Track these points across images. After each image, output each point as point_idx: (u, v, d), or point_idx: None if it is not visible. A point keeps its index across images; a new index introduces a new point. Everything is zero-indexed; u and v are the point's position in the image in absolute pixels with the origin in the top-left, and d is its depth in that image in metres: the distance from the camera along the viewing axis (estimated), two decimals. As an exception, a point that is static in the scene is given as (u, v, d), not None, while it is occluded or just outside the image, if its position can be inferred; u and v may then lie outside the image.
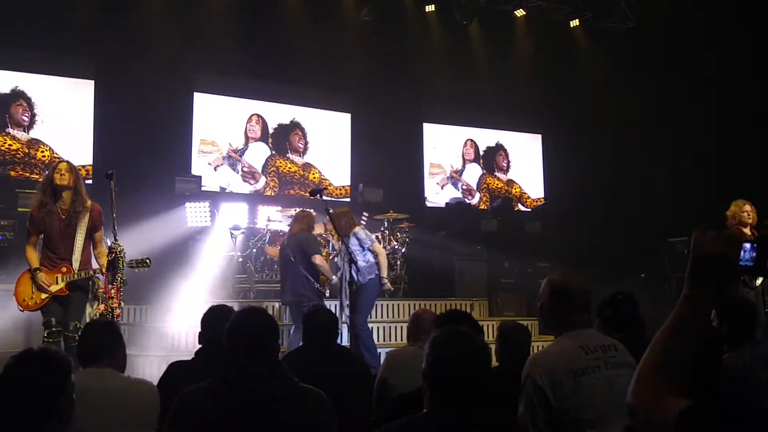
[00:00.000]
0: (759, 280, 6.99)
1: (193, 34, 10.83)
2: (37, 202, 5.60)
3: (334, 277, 7.59)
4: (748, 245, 1.57)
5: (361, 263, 7.20)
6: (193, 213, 9.51)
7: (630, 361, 2.92)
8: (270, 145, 11.96)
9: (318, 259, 7.33)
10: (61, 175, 5.53)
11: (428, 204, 13.03)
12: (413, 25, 12.93)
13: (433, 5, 12.97)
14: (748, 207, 7.24)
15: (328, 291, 7.86)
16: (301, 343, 6.83)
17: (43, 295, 5.50)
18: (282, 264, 7.70)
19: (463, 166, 13.66)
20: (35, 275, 5.47)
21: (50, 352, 2.43)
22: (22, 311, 5.65)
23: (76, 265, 5.58)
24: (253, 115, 11.89)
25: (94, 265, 5.71)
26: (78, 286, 5.60)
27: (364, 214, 10.54)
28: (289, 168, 12.07)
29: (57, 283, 5.53)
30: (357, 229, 7.46)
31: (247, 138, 11.76)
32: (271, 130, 12.00)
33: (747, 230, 7.19)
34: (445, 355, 2.32)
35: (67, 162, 5.78)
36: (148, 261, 5.79)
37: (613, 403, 2.80)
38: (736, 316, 3.84)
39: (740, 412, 1.37)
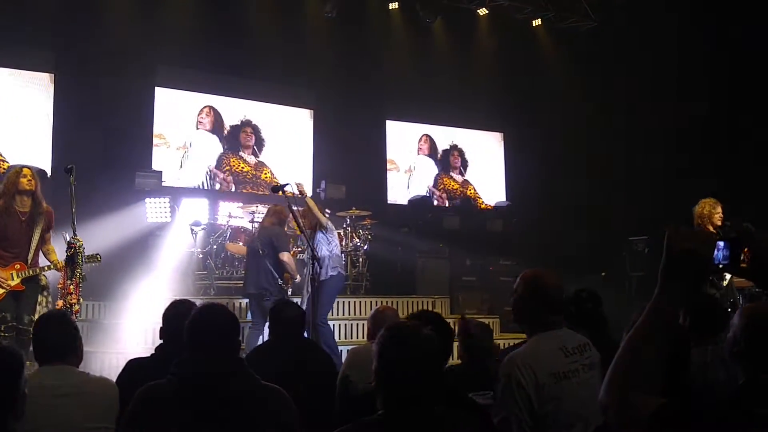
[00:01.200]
0: (725, 281, 7.13)
1: (155, 28, 10.69)
2: (4, 208, 5.81)
3: (298, 276, 7.60)
4: (721, 243, 1.57)
5: (323, 252, 7.22)
6: (154, 208, 9.37)
7: (599, 359, 2.94)
8: (223, 141, 11.81)
9: (286, 256, 7.34)
10: (28, 180, 5.85)
11: (390, 201, 13.05)
12: (376, 23, 12.93)
13: (396, 3, 12.98)
14: (720, 209, 7.35)
15: (290, 289, 7.85)
16: (259, 341, 6.87)
17: (0, 291, 5.73)
18: (249, 256, 7.66)
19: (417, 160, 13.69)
20: None
21: (1, 348, 2.38)
22: None
23: (30, 262, 5.90)
24: (205, 107, 11.72)
25: (43, 262, 6.00)
26: (30, 280, 5.89)
27: (327, 210, 10.50)
28: (242, 167, 11.94)
29: (13, 279, 5.80)
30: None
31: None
32: (227, 126, 11.88)
33: (712, 229, 7.32)
34: (393, 357, 2.27)
35: (30, 168, 6.11)
36: (98, 256, 6.01)
37: (591, 405, 2.80)
38: (703, 314, 3.86)
39: (711, 409, 1.38)
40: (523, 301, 3.00)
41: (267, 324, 7.06)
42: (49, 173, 9.34)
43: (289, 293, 7.77)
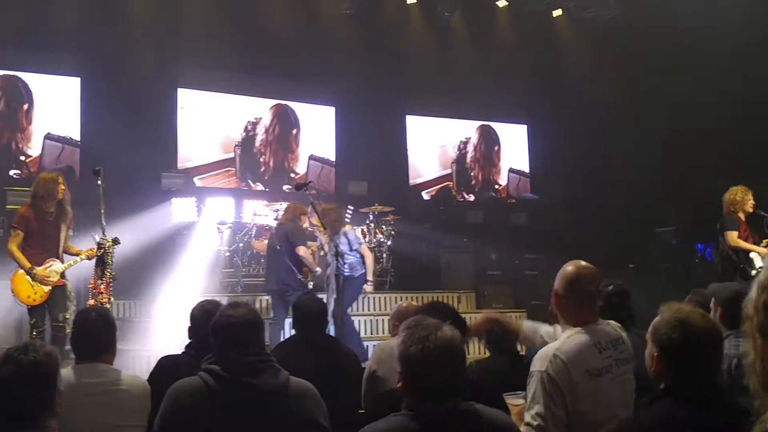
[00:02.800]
0: (754, 271, 7.05)
1: (178, 31, 10.80)
2: (38, 209, 6.19)
3: (317, 268, 7.67)
4: None
5: (351, 258, 7.34)
6: (180, 208, 9.50)
7: (632, 354, 2.92)
8: (244, 140, 11.93)
9: (301, 251, 7.42)
10: (62, 189, 6.27)
11: (412, 196, 13.04)
12: (395, 18, 12.91)
13: (414, -3, 12.97)
14: (751, 196, 7.32)
15: (311, 283, 7.91)
16: (280, 336, 6.94)
17: (46, 288, 6.13)
18: (269, 253, 7.76)
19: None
20: (33, 274, 6.08)
21: (36, 347, 2.43)
22: (28, 306, 6.15)
23: (61, 257, 6.31)
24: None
25: (68, 258, 6.37)
26: (62, 276, 6.29)
27: (349, 207, 10.54)
28: (258, 166, 12.04)
29: (53, 276, 6.17)
30: (347, 228, 7.54)
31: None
32: (247, 126, 11.98)
33: (743, 216, 7.28)
34: (415, 354, 2.26)
35: (61, 175, 6.51)
36: (118, 239, 6.25)
37: (621, 401, 2.80)
38: (730, 304, 3.83)
39: None
40: (562, 295, 2.97)
41: (287, 319, 7.20)
42: (77, 175, 9.51)
43: (310, 286, 7.83)
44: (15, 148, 9.98)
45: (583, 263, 3.03)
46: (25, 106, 10.05)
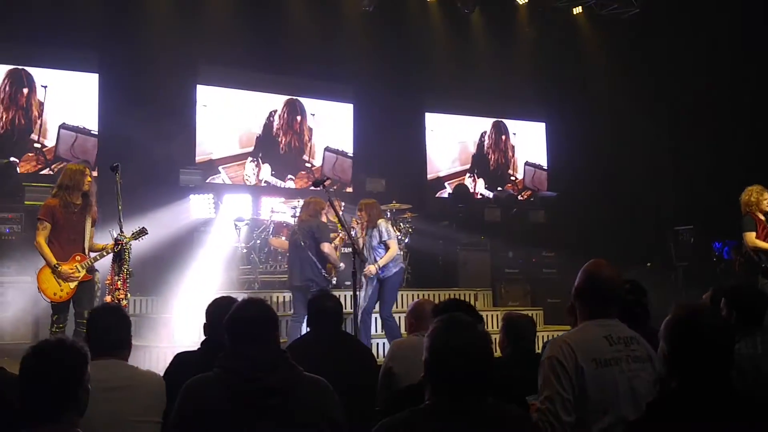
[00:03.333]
0: None
1: (196, 26, 10.83)
2: (64, 200, 6.12)
3: (341, 263, 7.68)
4: None
5: (382, 253, 7.38)
6: (198, 205, 9.55)
7: (651, 354, 2.91)
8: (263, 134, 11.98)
9: (326, 247, 7.39)
10: (89, 182, 6.23)
11: (430, 193, 13.03)
12: (415, 15, 12.89)
13: (434, -6, 12.95)
14: (767, 195, 7.26)
15: (335, 279, 7.91)
16: (300, 333, 6.95)
17: (73, 284, 6.06)
18: (291, 249, 7.73)
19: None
20: (58, 271, 5.98)
21: (68, 344, 2.45)
22: (54, 303, 6.07)
23: (86, 250, 6.20)
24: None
25: (92, 253, 6.26)
26: (89, 271, 6.20)
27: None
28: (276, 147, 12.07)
29: (79, 271, 6.09)
30: (381, 221, 7.54)
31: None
32: (263, 120, 12.00)
33: (762, 216, 7.22)
34: (445, 347, 2.27)
35: (88, 167, 6.50)
36: (145, 229, 6.27)
37: (629, 397, 2.80)
38: (745, 305, 3.81)
39: None
40: (581, 292, 3.03)
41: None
42: (95, 172, 9.57)
43: (334, 282, 7.83)
44: (18, 125, 9.93)
45: (606, 263, 3.07)
46: (25, 90, 10.05)
